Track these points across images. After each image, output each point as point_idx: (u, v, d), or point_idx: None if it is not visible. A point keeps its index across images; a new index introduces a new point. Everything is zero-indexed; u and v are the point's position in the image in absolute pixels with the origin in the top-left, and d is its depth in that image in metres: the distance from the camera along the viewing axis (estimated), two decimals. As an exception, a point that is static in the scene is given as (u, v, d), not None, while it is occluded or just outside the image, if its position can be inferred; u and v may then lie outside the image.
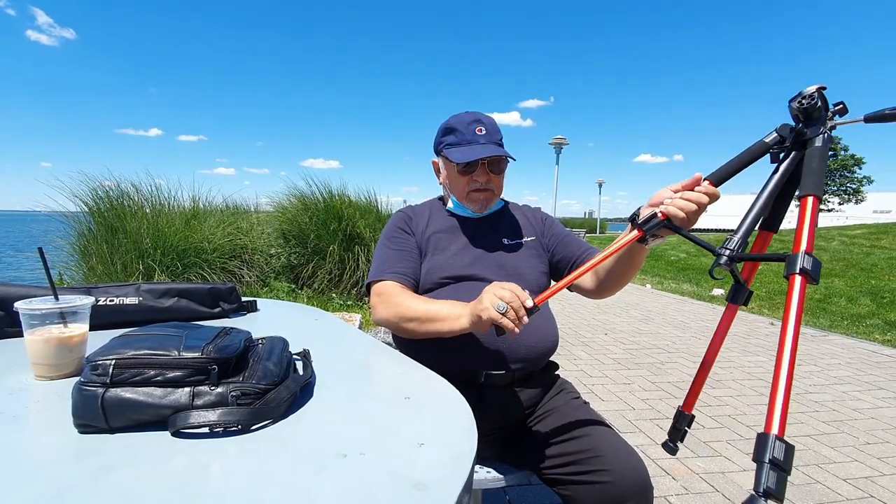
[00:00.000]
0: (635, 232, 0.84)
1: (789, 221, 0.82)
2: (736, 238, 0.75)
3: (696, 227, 0.85)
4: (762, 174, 0.78)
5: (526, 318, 0.82)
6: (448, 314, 0.95)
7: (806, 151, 0.73)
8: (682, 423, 0.90)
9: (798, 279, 0.63)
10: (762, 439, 0.56)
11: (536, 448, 1.00)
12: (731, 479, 1.86)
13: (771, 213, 0.79)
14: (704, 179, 0.82)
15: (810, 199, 0.68)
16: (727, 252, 0.74)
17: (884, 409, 2.65)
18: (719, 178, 0.82)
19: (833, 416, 2.55)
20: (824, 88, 0.72)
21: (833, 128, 0.73)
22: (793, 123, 0.76)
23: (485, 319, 0.84)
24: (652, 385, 2.96)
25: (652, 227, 0.82)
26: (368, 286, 1.14)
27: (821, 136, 0.72)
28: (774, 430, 0.56)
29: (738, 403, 2.67)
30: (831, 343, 4.16)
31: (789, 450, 0.55)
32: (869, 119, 0.69)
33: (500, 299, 0.82)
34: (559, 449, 0.96)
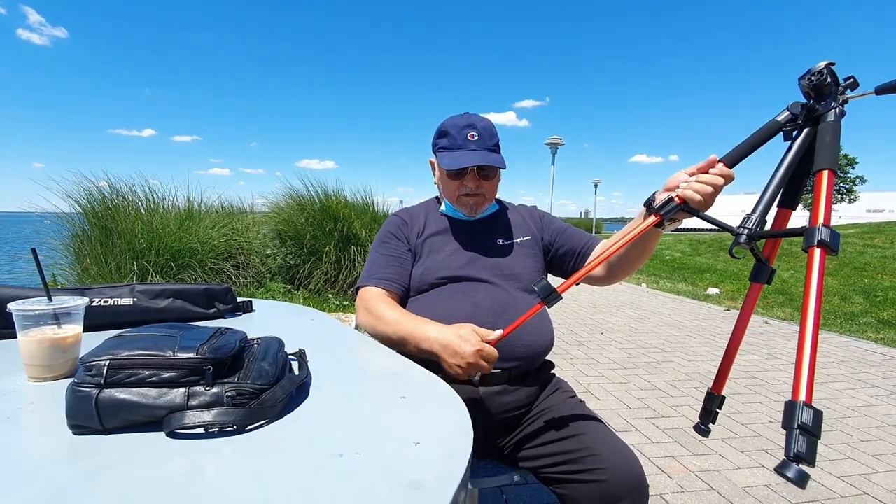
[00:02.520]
0: (652, 217, 0.84)
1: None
2: (754, 216, 0.75)
3: (693, 226, 0.86)
4: (768, 168, 0.79)
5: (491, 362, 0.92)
6: (413, 343, 0.98)
7: (818, 127, 0.73)
8: (712, 405, 0.89)
9: (817, 251, 0.64)
10: (790, 406, 0.57)
11: (532, 447, 1.00)
12: (727, 477, 1.87)
13: (789, 190, 0.79)
14: (719, 161, 0.83)
15: (825, 173, 0.69)
16: (745, 231, 0.74)
17: (877, 407, 2.68)
18: (733, 159, 0.83)
19: (827, 413, 2.56)
20: (833, 64, 0.72)
21: (845, 102, 0.73)
22: (804, 101, 0.76)
23: (454, 375, 0.92)
24: (648, 384, 2.97)
25: (669, 211, 0.83)
26: (357, 289, 1.16)
27: (832, 110, 0.72)
28: (802, 396, 0.57)
29: (733, 402, 2.68)
30: (825, 341, 4.19)
31: (817, 415, 0.56)
32: (880, 90, 0.69)
33: (477, 371, 0.90)
34: (555, 447, 0.96)
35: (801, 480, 0.54)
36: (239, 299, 1.20)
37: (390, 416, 0.61)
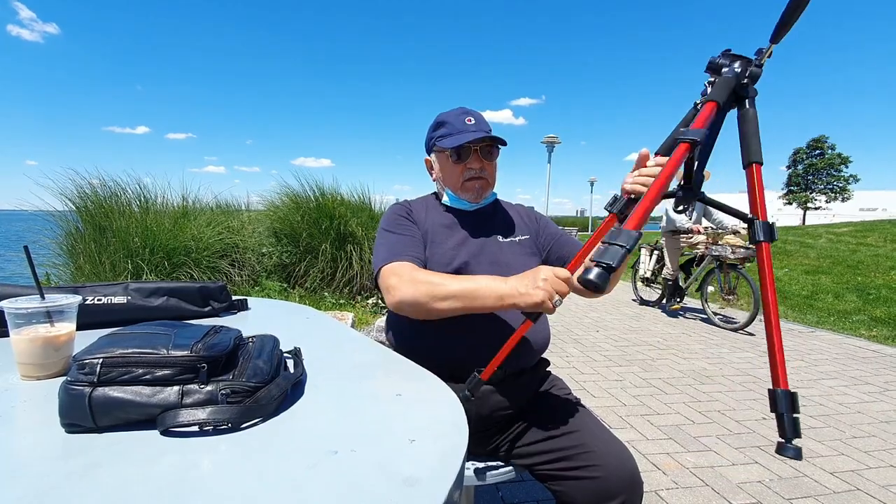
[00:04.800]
0: (608, 216, 0.90)
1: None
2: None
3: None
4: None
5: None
6: (487, 294, 0.93)
7: (740, 114, 0.78)
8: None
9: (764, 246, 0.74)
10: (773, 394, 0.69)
11: (528, 444, 1.01)
12: (721, 474, 1.88)
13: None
14: (655, 154, 0.90)
15: (754, 168, 0.75)
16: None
17: (869, 404, 2.70)
18: (667, 149, 0.89)
19: (820, 410, 2.59)
20: (729, 50, 0.80)
21: (760, 65, 0.77)
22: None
23: (535, 307, 0.87)
24: (643, 381, 2.99)
25: (619, 206, 0.88)
26: (378, 270, 1.06)
27: (749, 97, 0.77)
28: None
29: (727, 399, 2.70)
30: (818, 339, 4.22)
31: (793, 397, 0.68)
32: (773, 38, 0.74)
33: (558, 294, 0.87)
34: (550, 445, 0.96)
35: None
36: (234, 297, 1.19)
37: (386, 414, 0.61)
